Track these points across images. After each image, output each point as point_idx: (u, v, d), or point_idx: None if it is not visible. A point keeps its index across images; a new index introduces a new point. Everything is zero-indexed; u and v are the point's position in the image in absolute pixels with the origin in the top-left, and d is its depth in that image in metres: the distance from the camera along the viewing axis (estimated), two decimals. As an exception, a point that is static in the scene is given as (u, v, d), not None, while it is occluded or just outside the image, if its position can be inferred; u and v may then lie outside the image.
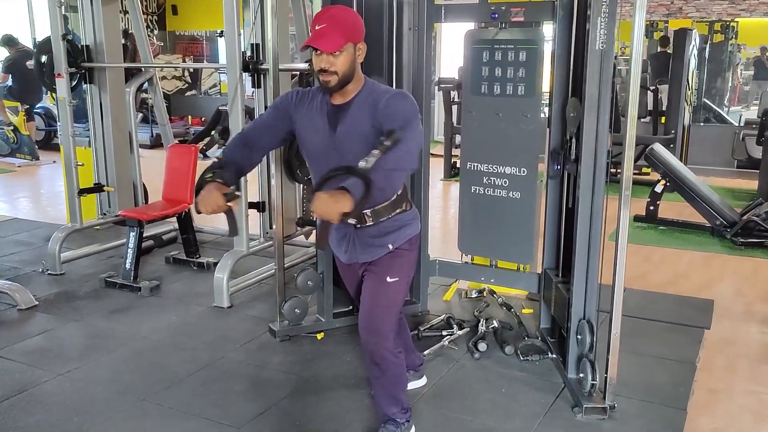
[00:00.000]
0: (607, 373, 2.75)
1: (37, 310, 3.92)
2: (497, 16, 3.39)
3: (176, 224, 4.89)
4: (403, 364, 2.50)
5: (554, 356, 3.22)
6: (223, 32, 4.02)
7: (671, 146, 7.11)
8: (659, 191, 5.78)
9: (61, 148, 4.83)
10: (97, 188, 5.07)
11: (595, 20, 2.73)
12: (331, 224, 1.95)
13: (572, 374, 2.97)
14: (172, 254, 4.78)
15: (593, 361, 2.79)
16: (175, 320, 3.79)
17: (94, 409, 2.85)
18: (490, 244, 3.71)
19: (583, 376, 2.85)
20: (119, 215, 4.78)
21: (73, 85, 4.85)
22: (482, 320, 3.58)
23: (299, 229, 4.63)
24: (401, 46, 3.55)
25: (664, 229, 5.77)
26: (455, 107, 7.79)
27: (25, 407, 2.85)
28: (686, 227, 5.75)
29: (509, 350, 3.29)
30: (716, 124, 9.33)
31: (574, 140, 2.98)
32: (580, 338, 2.90)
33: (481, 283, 3.93)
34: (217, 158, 2.34)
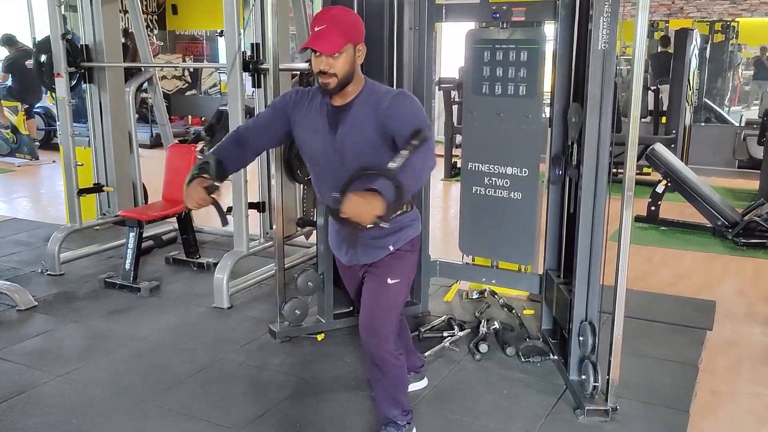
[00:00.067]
0: (609, 374, 2.73)
1: (36, 310, 3.90)
2: (498, 15, 3.38)
3: (176, 224, 4.87)
4: (404, 366, 2.49)
5: (556, 358, 3.20)
6: (223, 32, 4.01)
7: (672, 146, 7.10)
8: (660, 191, 5.77)
9: (60, 147, 4.81)
10: (96, 188, 5.05)
11: (597, 20, 2.71)
12: (360, 225, 1.89)
13: (574, 376, 2.95)
14: (171, 254, 4.76)
15: (595, 362, 2.78)
16: (174, 321, 3.77)
17: (93, 410, 2.84)
18: (491, 244, 3.70)
19: (585, 377, 2.83)
20: (119, 215, 4.76)
21: (72, 84, 4.83)
22: (483, 321, 3.56)
23: (299, 229, 4.62)
24: (402, 45, 3.53)
25: (665, 229, 5.75)
26: (456, 107, 7.77)
27: (23, 409, 2.84)
28: (687, 228, 5.73)
29: (510, 352, 3.27)
30: (717, 124, 9.32)
31: (575, 145, 2.97)
32: (582, 340, 2.89)
33: (482, 284, 3.91)
34: (200, 153, 2.30)
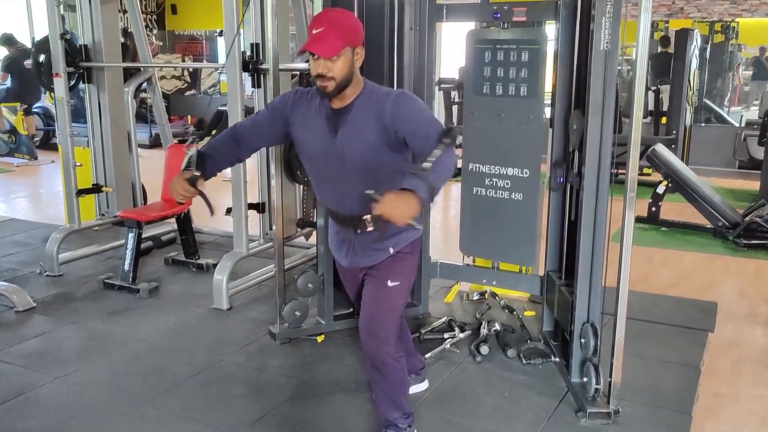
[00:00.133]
0: (611, 377, 2.72)
1: (34, 312, 3.88)
2: (499, 15, 3.36)
3: (175, 225, 4.85)
4: (404, 368, 2.47)
5: (557, 360, 3.18)
6: (222, 32, 3.99)
7: (673, 147, 7.08)
8: (661, 192, 5.75)
9: (59, 147, 4.79)
10: (95, 189, 5.03)
11: (599, 20, 2.69)
12: (389, 222, 1.86)
13: (576, 378, 2.93)
14: (171, 255, 4.74)
15: (597, 365, 2.76)
16: (174, 322, 3.75)
17: (91, 412, 2.82)
18: (491, 245, 3.68)
19: (586, 380, 2.81)
20: (118, 216, 4.74)
21: (71, 84, 4.81)
22: (484, 323, 3.55)
23: (299, 230, 4.60)
24: (402, 46, 3.51)
25: (665, 230, 5.73)
26: (455, 107, 7.77)
27: (21, 411, 2.82)
28: (688, 228, 5.72)
29: (512, 353, 3.25)
30: (717, 124, 9.30)
31: (577, 152, 2.95)
32: (583, 342, 2.87)
33: (482, 285, 3.90)
34: (190, 155, 2.29)
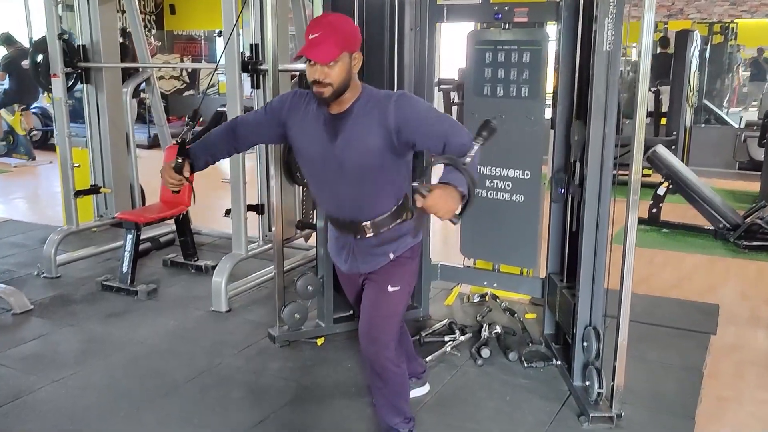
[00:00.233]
0: (613, 380, 2.69)
1: (32, 314, 3.85)
2: (501, 16, 3.34)
3: (174, 226, 4.82)
4: (405, 373, 2.44)
5: (559, 363, 3.16)
6: (221, 32, 3.97)
7: (673, 148, 7.06)
8: (662, 193, 5.73)
9: (57, 148, 4.77)
10: (93, 190, 5.00)
11: (602, 21, 2.67)
12: (427, 215, 1.85)
13: (578, 382, 2.91)
14: (169, 257, 4.71)
15: (600, 369, 2.74)
16: (172, 325, 3.72)
17: (89, 416, 2.79)
18: (492, 247, 3.66)
19: (589, 383, 2.79)
20: (116, 217, 4.71)
21: (69, 85, 4.78)
22: (485, 325, 3.52)
23: (299, 231, 4.57)
24: (403, 46, 3.49)
25: (666, 231, 5.71)
26: (455, 108, 7.74)
27: (19, 415, 2.79)
28: (689, 230, 5.69)
29: (513, 357, 3.23)
30: (717, 125, 9.28)
31: (578, 164, 2.93)
32: (586, 345, 2.84)
33: (483, 287, 3.88)
34: (176, 141, 2.30)
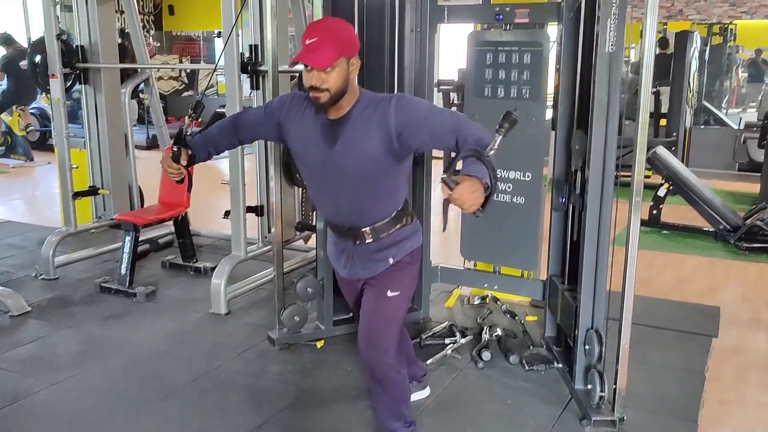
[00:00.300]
0: (616, 384, 2.67)
1: (29, 316, 3.83)
2: (501, 17, 3.33)
3: (172, 227, 4.80)
4: (405, 378, 2.42)
5: (560, 366, 3.14)
6: (221, 33, 3.94)
7: (673, 149, 7.04)
8: (662, 195, 5.71)
9: (55, 149, 4.74)
10: (92, 191, 4.97)
11: (604, 22, 2.65)
12: (451, 205, 1.85)
13: (579, 385, 2.89)
14: (168, 259, 4.69)
15: (602, 372, 2.72)
16: (171, 327, 3.70)
17: (87, 420, 2.77)
18: (493, 249, 3.64)
19: (591, 387, 2.77)
20: (115, 219, 4.69)
21: (67, 86, 4.76)
22: (485, 328, 3.50)
23: (298, 233, 4.55)
24: (403, 47, 3.48)
25: (666, 233, 5.69)
26: (454, 109, 7.72)
27: (16, 419, 2.77)
28: (689, 231, 5.67)
29: (514, 359, 3.21)
30: (717, 126, 9.27)
31: (579, 173, 2.92)
32: (588, 348, 2.83)
33: (483, 289, 3.86)
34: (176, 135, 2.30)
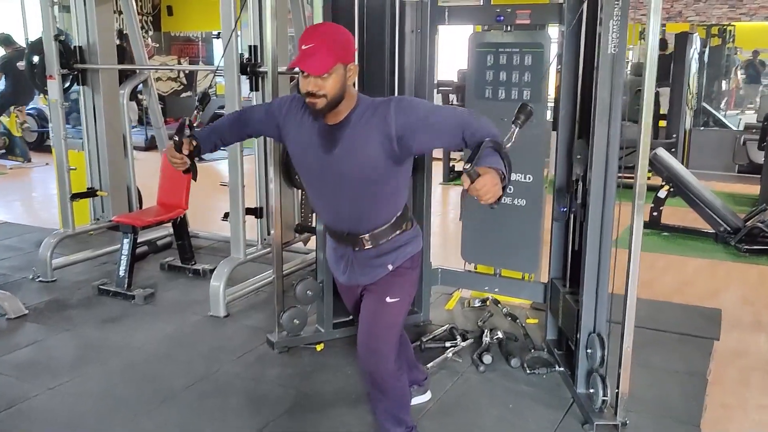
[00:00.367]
0: (618, 388, 2.65)
1: (26, 319, 3.79)
2: (502, 18, 3.31)
3: (171, 229, 4.77)
4: (405, 384, 2.40)
5: (562, 369, 3.12)
6: (220, 34, 3.92)
7: (673, 150, 7.04)
8: (663, 197, 5.70)
9: (53, 150, 4.71)
10: (90, 193, 4.95)
11: (607, 23, 2.63)
12: (468, 195, 1.85)
13: (581, 389, 2.87)
14: (167, 261, 4.66)
15: (604, 376, 2.70)
16: (170, 330, 3.67)
17: (85, 424, 2.74)
18: (494, 252, 3.62)
19: (593, 391, 2.75)
20: (113, 221, 4.66)
21: (65, 87, 4.73)
22: (486, 331, 3.48)
23: (297, 235, 4.53)
24: (403, 48, 3.46)
25: (667, 235, 5.68)
26: (454, 110, 7.71)
27: (13, 423, 2.74)
28: (689, 233, 5.66)
29: (515, 363, 3.19)
30: (716, 128, 9.27)
31: (580, 183, 2.90)
32: (590, 352, 2.80)
33: (484, 292, 3.83)
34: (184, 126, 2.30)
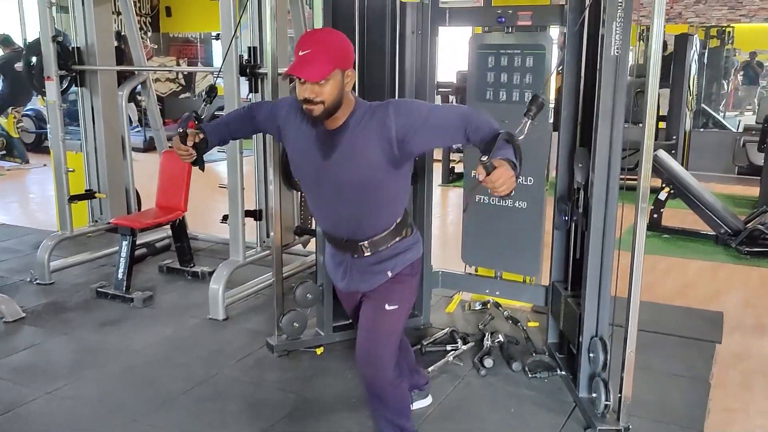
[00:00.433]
0: (621, 392, 2.63)
1: (24, 322, 3.76)
2: (504, 20, 3.29)
3: (170, 231, 4.74)
4: (405, 392, 2.38)
5: (563, 373, 3.10)
6: (219, 35, 3.90)
7: (672, 152, 7.02)
8: (663, 199, 5.68)
9: (51, 152, 4.69)
10: (88, 195, 4.92)
11: (610, 25, 2.61)
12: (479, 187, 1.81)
13: (584, 393, 2.84)
14: (165, 263, 4.63)
15: (607, 380, 2.67)
16: (168, 333, 3.65)
17: (83, 429, 2.72)
18: (494, 255, 3.60)
19: (595, 395, 2.72)
20: (111, 223, 4.63)
21: (63, 88, 4.70)
22: (487, 334, 3.46)
23: (297, 237, 4.50)
24: (404, 50, 3.44)
25: (667, 237, 5.66)
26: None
27: (10, 428, 2.71)
28: (690, 236, 5.65)
29: (517, 367, 3.16)
30: (716, 130, 9.26)
31: (582, 191, 2.88)
32: (592, 356, 2.78)
33: (485, 295, 3.81)
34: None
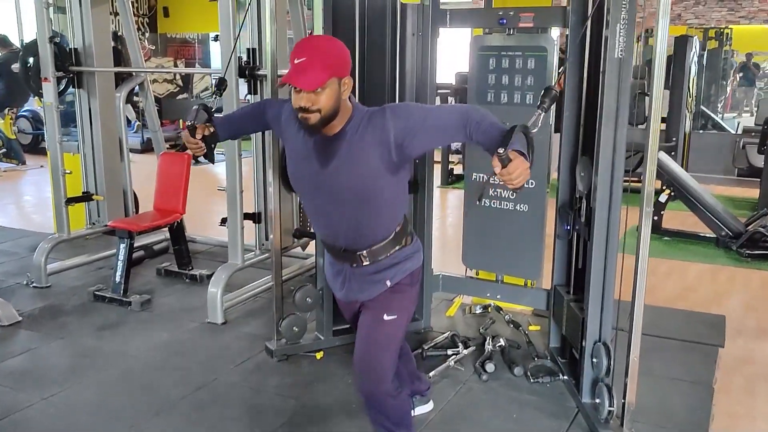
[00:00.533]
0: (624, 398, 2.60)
1: (20, 326, 3.72)
2: (505, 21, 3.26)
3: (168, 233, 4.71)
4: (405, 401, 2.35)
5: (565, 378, 3.07)
6: (217, 36, 3.87)
7: (672, 154, 7.00)
8: (663, 201, 5.66)
9: (48, 153, 4.65)
10: (85, 197, 4.88)
11: (613, 27, 2.59)
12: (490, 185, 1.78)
13: (587, 398, 2.82)
14: (163, 266, 4.60)
15: (610, 386, 2.64)
16: (166, 337, 3.61)
17: (79, 436, 2.69)
18: (495, 258, 3.57)
19: (599, 401, 2.70)
20: (109, 225, 4.59)
21: (60, 89, 4.66)
22: (488, 338, 3.43)
23: (296, 240, 4.47)
24: (404, 51, 3.41)
25: (668, 239, 5.64)
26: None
27: (5, 435, 2.68)
28: (690, 238, 5.63)
29: (518, 371, 3.13)
30: (715, 131, 9.24)
31: (584, 201, 2.85)
32: (595, 362, 2.75)
33: (486, 299, 3.78)
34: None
